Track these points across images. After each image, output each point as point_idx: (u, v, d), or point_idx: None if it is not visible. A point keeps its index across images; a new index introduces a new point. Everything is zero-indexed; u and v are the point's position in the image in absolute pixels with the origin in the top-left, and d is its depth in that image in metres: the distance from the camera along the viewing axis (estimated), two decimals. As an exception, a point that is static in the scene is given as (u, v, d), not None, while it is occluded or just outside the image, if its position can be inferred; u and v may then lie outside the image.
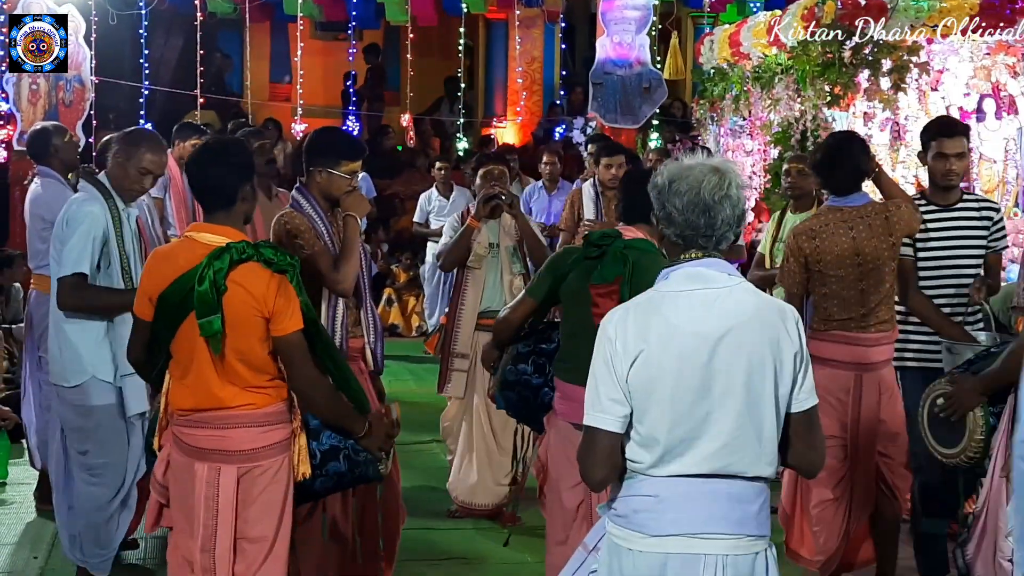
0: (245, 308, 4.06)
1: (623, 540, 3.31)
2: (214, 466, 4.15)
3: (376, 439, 4.43)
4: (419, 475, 7.55)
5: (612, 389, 3.26)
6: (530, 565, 6.45)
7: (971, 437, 4.66)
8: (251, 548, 4.21)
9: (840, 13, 8.43)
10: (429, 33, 17.75)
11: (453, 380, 7.22)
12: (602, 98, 13.26)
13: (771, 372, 3.25)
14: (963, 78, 8.71)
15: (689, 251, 3.35)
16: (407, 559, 5.99)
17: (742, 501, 3.27)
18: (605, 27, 13.37)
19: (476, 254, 7.12)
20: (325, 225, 5.28)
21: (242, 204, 4.26)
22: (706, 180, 3.30)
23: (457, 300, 7.24)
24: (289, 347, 4.14)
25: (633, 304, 3.35)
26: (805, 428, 3.33)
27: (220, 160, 4.29)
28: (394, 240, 15.16)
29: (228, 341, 4.08)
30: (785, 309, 3.35)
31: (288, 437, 4.25)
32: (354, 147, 5.48)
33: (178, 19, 16.62)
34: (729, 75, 10.33)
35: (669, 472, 3.25)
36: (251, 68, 17.00)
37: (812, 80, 8.73)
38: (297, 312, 4.14)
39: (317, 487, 4.37)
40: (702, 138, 10.88)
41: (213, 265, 4.04)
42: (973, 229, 6.01)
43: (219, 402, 4.13)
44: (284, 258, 4.14)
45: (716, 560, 3.24)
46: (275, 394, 4.20)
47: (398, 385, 10.67)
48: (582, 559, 3.52)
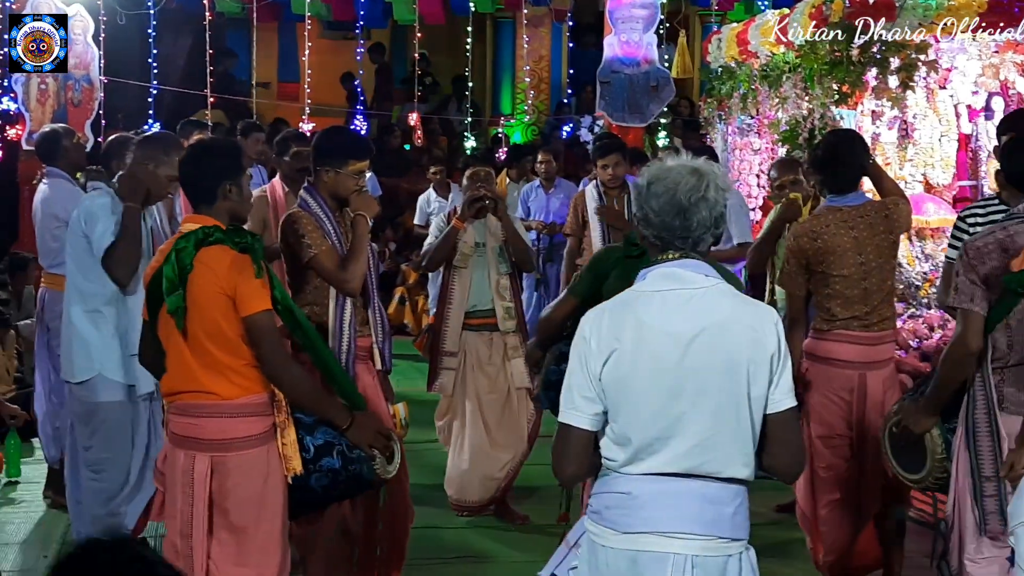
0: (209, 286, 4.17)
1: (598, 536, 3.33)
2: (189, 454, 4.25)
3: (363, 434, 4.46)
4: (428, 473, 7.56)
5: (585, 387, 3.28)
6: (540, 564, 6.44)
7: (932, 458, 4.74)
8: (230, 538, 4.27)
9: (848, 12, 8.42)
10: (437, 32, 17.78)
11: (442, 377, 7.30)
12: (609, 97, 13.26)
13: (744, 373, 3.23)
14: (971, 76, 8.70)
15: (667, 252, 3.35)
16: (416, 558, 6.00)
17: (715, 502, 3.26)
18: (613, 26, 13.36)
19: (462, 253, 7.20)
20: (333, 225, 5.30)
21: (224, 202, 4.37)
22: (683, 182, 3.30)
23: (444, 299, 7.31)
24: (255, 328, 4.19)
25: (610, 304, 3.36)
26: (781, 430, 3.30)
27: (204, 159, 4.45)
28: (402, 239, 15.18)
29: (196, 320, 4.19)
30: (763, 310, 3.35)
31: (267, 430, 4.29)
32: (361, 147, 5.50)
33: (186, 19, 16.65)
34: (737, 73, 10.33)
35: (642, 470, 3.25)
36: (259, 67, 17.01)
37: (820, 78, 8.72)
38: (262, 293, 4.21)
39: (313, 483, 4.39)
40: (710, 137, 10.87)
41: (177, 244, 4.21)
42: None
43: (197, 385, 4.22)
44: (246, 239, 4.24)
45: (684, 559, 3.22)
46: (251, 386, 4.25)
47: (407, 384, 10.66)
48: (564, 554, 3.54)
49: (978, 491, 4.46)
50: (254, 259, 4.20)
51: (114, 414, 5.71)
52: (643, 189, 3.36)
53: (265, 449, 4.28)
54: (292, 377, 4.29)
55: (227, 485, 4.24)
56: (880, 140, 8.62)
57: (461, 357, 7.23)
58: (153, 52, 15.03)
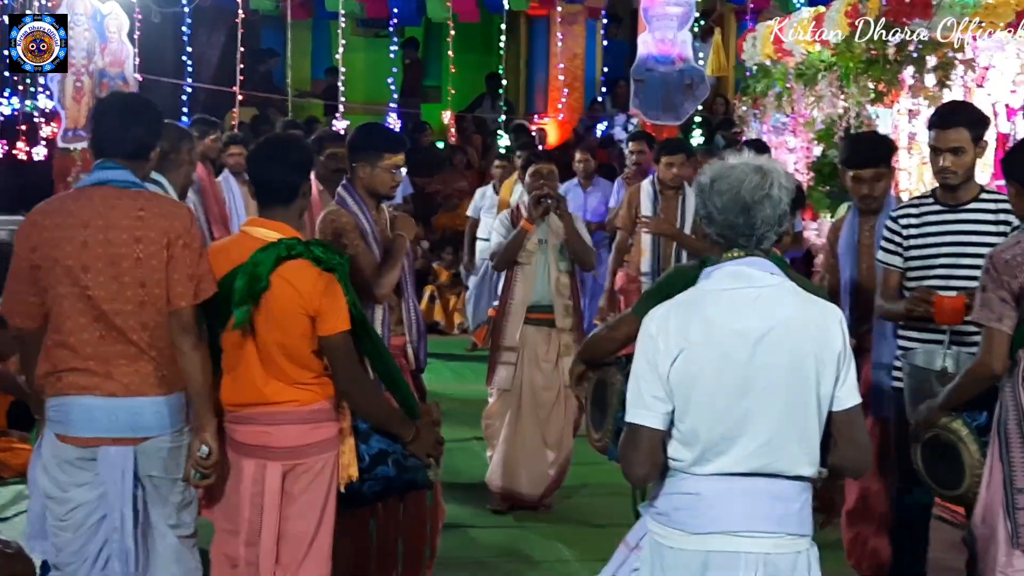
0: (290, 304, 4.10)
1: (664, 538, 3.32)
2: (260, 463, 4.19)
3: (424, 445, 4.45)
4: (460, 473, 7.56)
5: (654, 386, 3.27)
6: (571, 563, 6.44)
7: (971, 473, 4.56)
8: (290, 544, 4.24)
9: (884, 10, 8.36)
10: (470, 29, 17.77)
11: (500, 372, 7.29)
12: (644, 95, 13.22)
13: (812, 371, 3.24)
14: (1009, 75, 8.62)
15: (731, 250, 3.35)
16: (447, 557, 5.99)
17: (783, 499, 3.27)
18: (647, 23, 13.32)
19: (527, 251, 7.19)
20: (370, 223, 5.33)
21: (301, 200, 4.33)
22: (747, 180, 3.30)
23: (507, 294, 7.29)
24: (334, 347, 4.17)
25: (675, 302, 3.35)
26: (848, 427, 3.31)
27: (281, 157, 4.34)
28: (435, 238, 15.16)
29: (272, 336, 4.13)
30: (828, 308, 3.35)
31: (335, 435, 4.28)
32: (395, 140, 5.52)
33: (221, 16, 16.71)
34: (772, 72, 10.28)
35: (710, 470, 3.26)
36: (292, 65, 17.05)
37: (856, 77, 8.66)
38: (344, 312, 4.17)
39: (365, 490, 4.39)
40: (745, 135, 10.82)
41: (256, 258, 4.10)
42: (982, 234, 5.22)
43: (263, 397, 4.17)
44: (333, 257, 4.18)
45: (756, 558, 3.24)
46: (320, 391, 4.22)
47: (439, 383, 10.67)
48: (624, 557, 3.53)
49: (1010, 503, 4.33)
50: (341, 279, 4.16)
51: None
52: (706, 187, 3.36)
53: (334, 455, 4.28)
54: (366, 393, 4.29)
55: (294, 491, 4.22)
56: (917, 139, 8.55)
57: (520, 351, 7.22)
58: (187, 50, 15.09)
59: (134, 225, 4.07)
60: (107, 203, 4.09)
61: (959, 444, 4.57)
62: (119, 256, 4.05)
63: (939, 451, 4.67)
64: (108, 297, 4.05)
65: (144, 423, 4.12)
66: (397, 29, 18.04)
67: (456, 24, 16.44)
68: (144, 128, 4.25)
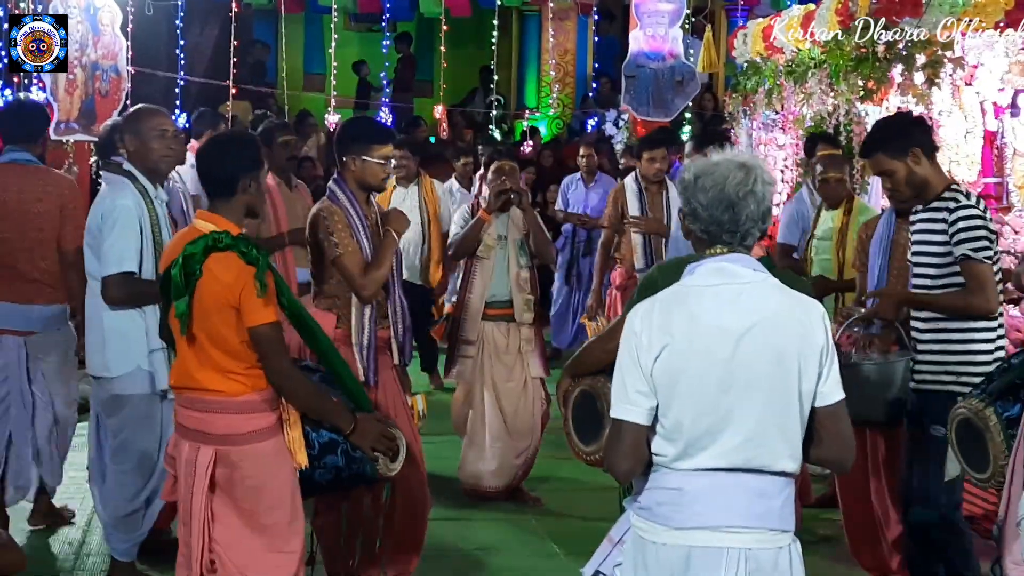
0: (215, 295, 4.19)
1: (647, 533, 3.33)
2: (194, 445, 4.30)
3: (366, 438, 4.46)
4: (446, 464, 7.59)
5: (638, 382, 3.27)
6: (558, 558, 6.47)
7: (995, 463, 4.63)
8: (240, 523, 4.30)
9: (874, 8, 8.39)
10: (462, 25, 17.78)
11: (460, 365, 7.38)
12: (635, 91, 13.25)
13: (795, 367, 3.25)
14: (998, 73, 8.65)
15: (715, 246, 3.36)
16: (435, 550, 6.03)
17: (765, 495, 3.28)
18: (638, 20, 13.35)
19: (486, 245, 7.25)
20: (360, 217, 5.35)
21: (243, 195, 4.38)
22: (731, 176, 3.32)
23: (465, 289, 7.34)
24: (260, 339, 4.23)
25: (659, 298, 3.36)
26: (832, 422, 3.32)
27: (224, 152, 4.44)
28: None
29: (201, 325, 4.22)
30: (810, 304, 3.36)
31: (273, 424, 4.32)
32: (383, 131, 5.56)
33: (214, 9, 16.69)
34: (762, 69, 10.30)
35: (693, 465, 3.26)
36: (285, 58, 17.05)
37: (845, 74, 8.69)
38: (269, 305, 4.22)
39: (317, 478, 4.43)
40: (735, 132, 10.86)
41: (186, 250, 4.21)
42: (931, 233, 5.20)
43: (197, 383, 4.27)
44: (252, 251, 4.23)
45: (738, 554, 3.25)
46: (251, 383, 4.28)
47: (426, 376, 10.71)
48: (607, 552, 3.54)
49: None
50: (258, 274, 4.20)
51: (143, 407, 5.73)
52: (690, 184, 3.37)
53: (272, 442, 4.31)
54: (295, 385, 4.32)
55: (234, 476, 4.28)
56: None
57: (479, 346, 7.28)
58: (180, 43, 15.07)
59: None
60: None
61: (985, 433, 4.63)
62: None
63: (972, 433, 4.72)
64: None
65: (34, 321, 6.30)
66: (390, 24, 18.05)
67: (448, 19, 16.46)
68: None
